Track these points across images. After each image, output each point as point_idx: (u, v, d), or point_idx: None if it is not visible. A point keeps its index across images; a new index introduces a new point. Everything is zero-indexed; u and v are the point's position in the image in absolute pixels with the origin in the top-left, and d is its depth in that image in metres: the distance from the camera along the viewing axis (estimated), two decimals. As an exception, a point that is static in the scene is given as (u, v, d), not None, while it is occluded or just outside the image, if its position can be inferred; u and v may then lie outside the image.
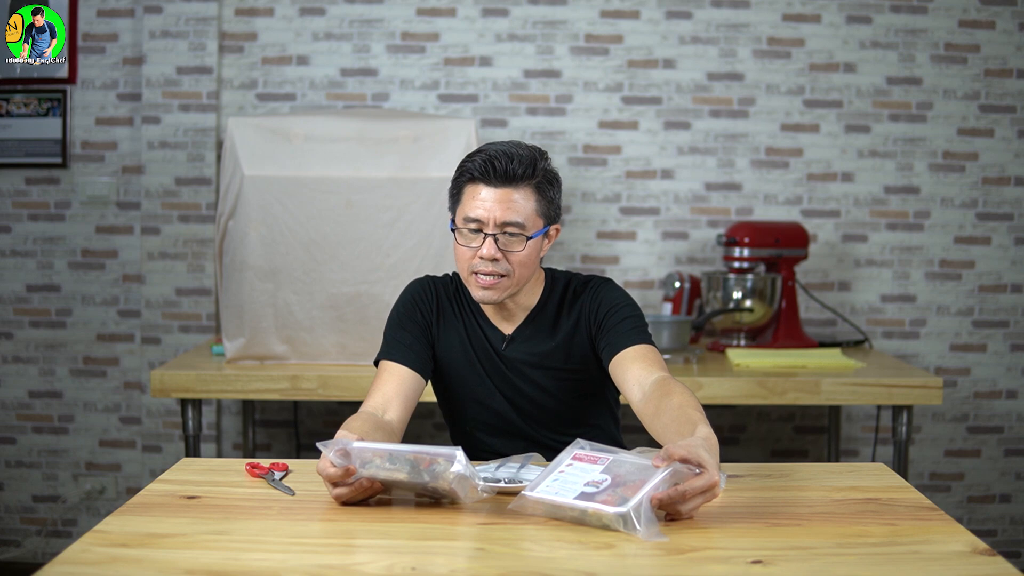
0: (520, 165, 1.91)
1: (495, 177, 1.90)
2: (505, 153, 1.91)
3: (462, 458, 1.54)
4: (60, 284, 3.54)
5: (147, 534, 1.47)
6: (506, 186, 1.90)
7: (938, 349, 3.54)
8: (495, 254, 1.91)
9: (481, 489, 1.57)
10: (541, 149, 1.97)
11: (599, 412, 2.12)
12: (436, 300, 2.08)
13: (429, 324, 2.06)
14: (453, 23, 3.48)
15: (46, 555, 3.51)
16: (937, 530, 1.52)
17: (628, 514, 1.46)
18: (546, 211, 1.95)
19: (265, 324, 2.88)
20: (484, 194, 1.91)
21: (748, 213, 3.51)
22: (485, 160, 1.90)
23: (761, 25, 3.48)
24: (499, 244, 1.91)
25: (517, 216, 1.91)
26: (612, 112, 3.49)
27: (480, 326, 2.06)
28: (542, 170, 1.94)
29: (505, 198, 1.90)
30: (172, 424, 3.45)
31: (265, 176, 2.83)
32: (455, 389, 2.09)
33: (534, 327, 2.04)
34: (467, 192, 1.94)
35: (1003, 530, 3.57)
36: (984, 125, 3.49)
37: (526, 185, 1.92)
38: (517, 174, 1.90)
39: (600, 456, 1.61)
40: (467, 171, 1.93)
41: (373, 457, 1.56)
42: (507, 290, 1.96)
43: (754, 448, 3.56)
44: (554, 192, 1.97)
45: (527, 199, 1.92)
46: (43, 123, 3.49)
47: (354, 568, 1.35)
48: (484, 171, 1.90)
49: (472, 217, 1.92)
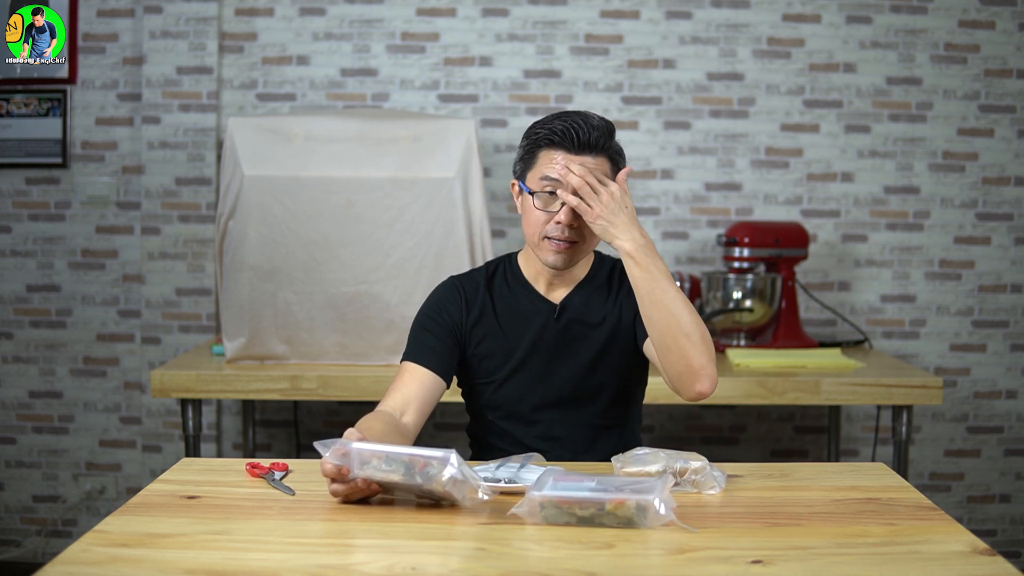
0: (600, 136, 1.92)
1: (576, 144, 1.90)
2: (586, 122, 1.91)
3: (455, 460, 1.51)
4: (60, 284, 3.54)
5: (147, 534, 1.47)
6: (585, 154, 1.91)
7: (938, 349, 3.54)
8: (573, 220, 1.91)
9: (481, 491, 1.54)
10: (612, 124, 1.98)
11: (635, 400, 2.12)
12: (465, 300, 2.06)
13: (458, 325, 2.04)
14: (453, 23, 3.48)
15: (46, 555, 3.51)
16: (937, 530, 1.52)
17: (652, 503, 1.47)
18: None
19: (265, 324, 2.88)
20: (562, 158, 1.91)
21: (748, 213, 3.51)
22: (566, 127, 1.90)
23: (761, 25, 3.48)
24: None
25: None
26: (612, 112, 3.49)
27: (531, 300, 2.05)
28: (616, 143, 1.96)
29: (586, 163, 1.90)
30: (172, 424, 3.45)
31: (265, 176, 2.83)
32: (504, 373, 2.05)
33: (584, 295, 2.05)
34: (543, 156, 1.93)
35: (1003, 530, 3.57)
36: (984, 125, 3.49)
37: (602, 155, 1.93)
38: (597, 144, 1.92)
39: (583, 475, 1.61)
40: (545, 136, 1.93)
41: (371, 458, 1.55)
42: (576, 256, 1.97)
43: (754, 448, 3.56)
44: (619, 165, 1.97)
45: (604, 166, 1.93)
46: (43, 123, 3.49)
47: (354, 568, 1.35)
48: (565, 136, 1.90)
49: (551, 177, 1.91)
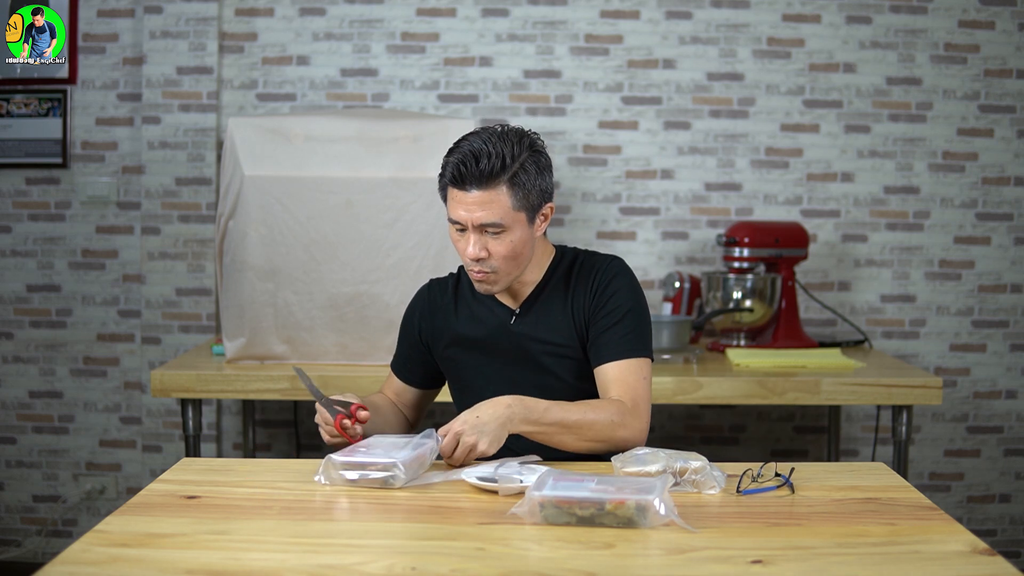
0: (488, 164, 1.87)
1: (466, 182, 1.89)
2: (473, 154, 1.88)
3: (401, 466, 1.69)
4: (60, 284, 3.54)
5: (147, 534, 1.47)
6: (479, 188, 1.89)
7: (938, 349, 3.54)
8: (479, 254, 1.92)
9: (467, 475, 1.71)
10: (521, 133, 1.93)
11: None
12: (431, 305, 2.13)
13: (424, 332, 2.14)
14: (453, 23, 3.48)
15: (46, 555, 3.51)
16: (937, 530, 1.52)
17: (652, 503, 1.47)
18: (525, 201, 1.91)
19: (265, 324, 2.88)
20: (460, 197, 1.91)
21: (748, 213, 3.51)
22: (455, 164, 1.90)
23: (761, 25, 3.48)
24: (483, 242, 1.92)
25: (493, 217, 1.89)
26: (612, 112, 3.49)
27: (489, 306, 2.08)
28: (516, 163, 1.89)
29: (480, 200, 1.89)
30: (172, 424, 3.45)
31: (265, 176, 2.83)
32: (468, 379, 2.09)
33: (542, 298, 2.05)
34: (449, 193, 1.94)
35: (1003, 530, 3.57)
36: (984, 125, 3.49)
37: (498, 183, 1.89)
38: (485, 174, 1.88)
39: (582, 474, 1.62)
40: (444, 174, 1.94)
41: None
42: (499, 282, 1.98)
43: (754, 448, 3.55)
44: (533, 179, 1.92)
45: (501, 197, 1.89)
46: (43, 123, 3.49)
47: (354, 568, 1.35)
48: (455, 177, 1.90)
49: (454, 219, 1.94)
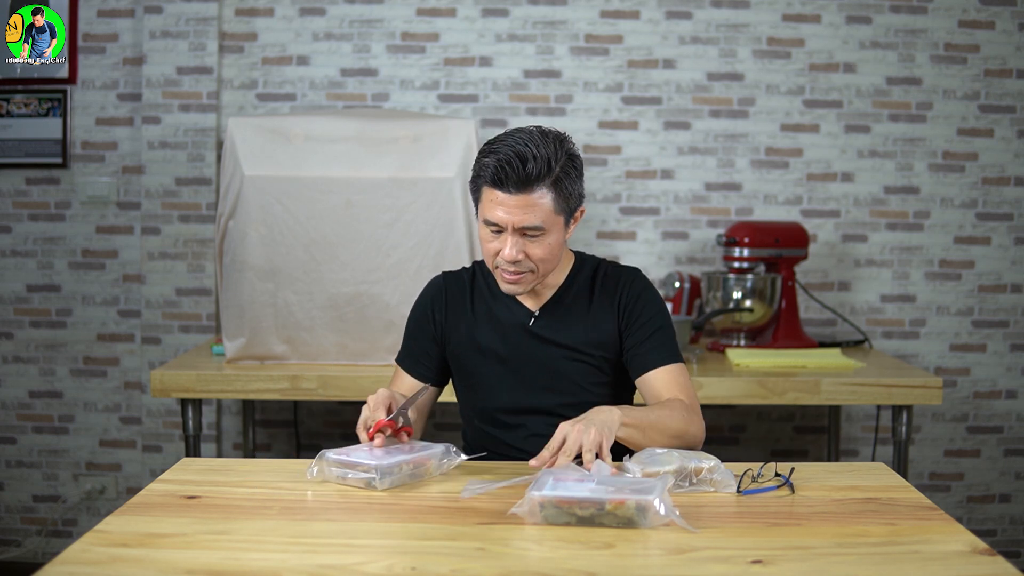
0: (535, 167, 1.84)
1: (509, 183, 1.84)
2: (519, 155, 1.84)
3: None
4: (60, 284, 3.54)
5: (147, 534, 1.47)
6: (521, 191, 1.85)
7: (938, 349, 3.54)
8: (517, 256, 1.89)
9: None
10: (560, 136, 1.92)
11: (622, 402, 2.10)
12: (446, 299, 2.09)
13: (437, 326, 2.08)
14: (453, 23, 3.48)
15: (46, 555, 3.51)
16: (937, 530, 1.52)
17: (652, 503, 1.47)
18: (565, 205, 1.91)
19: (265, 324, 2.88)
20: (500, 198, 1.86)
21: (748, 213, 3.51)
22: (498, 165, 1.84)
23: (761, 25, 3.48)
24: (521, 244, 1.89)
25: (535, 220, 1.87)
26: (612, 112, 3.49)
27: (508, 306, 2.06)
28: (559, 166, 1.88)
29: (521, 203, 1.85)
30: (172, 424, 3.45)
31: (265, 176, 2.83)
32: (479, 377, 2.07)
33: (563, 303, 2.05)
34: (484, 194, 1.89)
35: (1003, 530, 3.57)
36: (984, 125, 3.49)
37: (542, 186, 1.86)
38: (532, 177, 1.85)
39: (584, 472, 1.62)
40: (482, 175, 1.89)
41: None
42: (533, 282, 1.97)
43: (754, 448, 3.56)
44: (573, 182, 1.91)
45: (544, 200, 1.87)
46: (43, 123, 3.48)
47: (354, 568, 1.35)
48: (496, 179, 1.85)
49: (491, 221, 1.89)
